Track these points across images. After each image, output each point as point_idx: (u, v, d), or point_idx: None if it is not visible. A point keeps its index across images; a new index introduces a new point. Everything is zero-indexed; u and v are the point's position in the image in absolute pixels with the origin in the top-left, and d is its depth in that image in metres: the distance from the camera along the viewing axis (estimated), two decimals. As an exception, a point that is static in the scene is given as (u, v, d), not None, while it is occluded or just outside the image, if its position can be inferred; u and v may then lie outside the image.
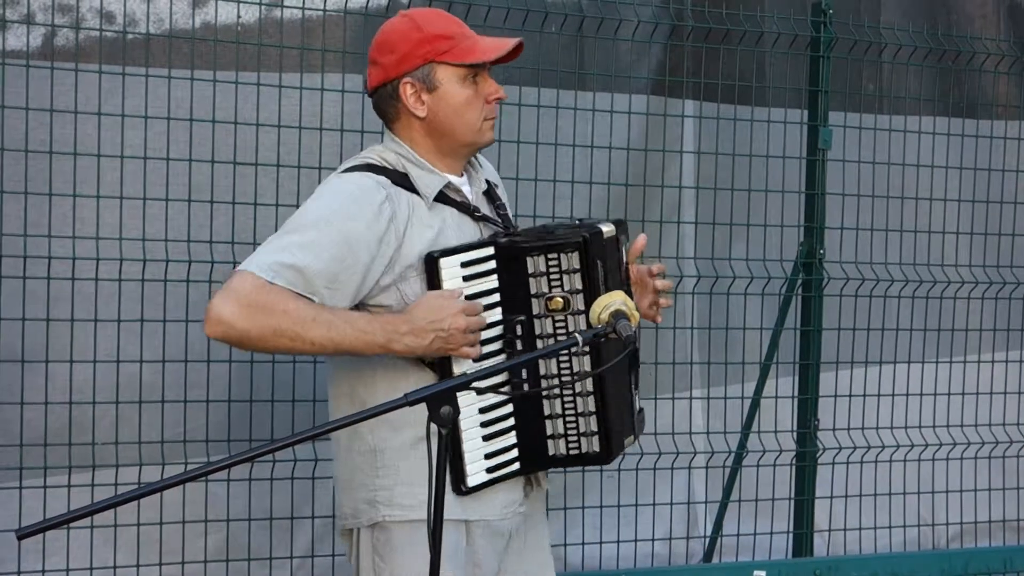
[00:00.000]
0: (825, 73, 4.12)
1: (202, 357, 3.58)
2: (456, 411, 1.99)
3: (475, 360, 2.42)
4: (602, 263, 2.46)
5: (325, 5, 3.71)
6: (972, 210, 4.58)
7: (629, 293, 2.60)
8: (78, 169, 3.48)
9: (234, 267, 3.46)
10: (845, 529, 4.34)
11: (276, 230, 3.64)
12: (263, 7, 3.71)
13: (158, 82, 3.54)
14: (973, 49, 4.42)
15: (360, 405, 2.41)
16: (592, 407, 2.49)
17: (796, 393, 4.16)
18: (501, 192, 2.70)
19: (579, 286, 2.45)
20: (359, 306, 2.42)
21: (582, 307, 2.43)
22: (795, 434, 4.16)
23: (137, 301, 3.53)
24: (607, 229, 2.51)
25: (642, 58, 4.19)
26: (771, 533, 4.24)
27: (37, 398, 3.46)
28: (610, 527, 4.02)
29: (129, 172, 3.51)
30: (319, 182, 3.62)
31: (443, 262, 2.41)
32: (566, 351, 2.32)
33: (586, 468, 2.82)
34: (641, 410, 2.73)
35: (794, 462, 4.16)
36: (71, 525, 2.70)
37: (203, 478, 1.96)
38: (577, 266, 2.44)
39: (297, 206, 3.63)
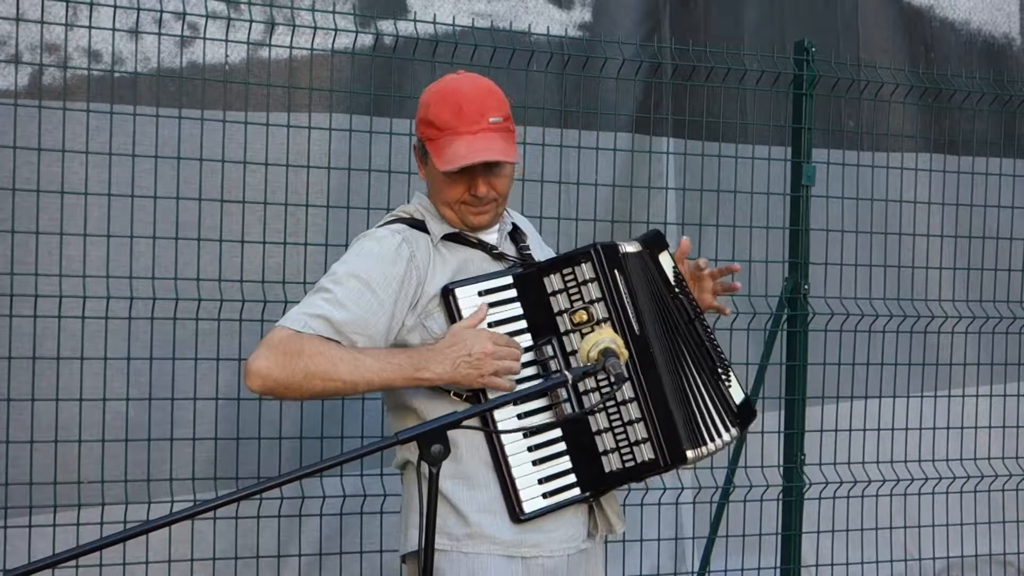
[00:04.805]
0: (808, 110, 4.16)
1: (188, 394, 3.58)
2: (447, 450, 1.99)
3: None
4: (621, 273, 2.51)
5: (312, 45, 3.73)
6: (955, 245, 4.62)
7: (684, 296, 2.66)
8: (65, 207, 3.49)
9: (220, 304, 3.52)
10: (832, 564, 4.34)
11: (263, 267, 3.71)
12: (250, 46, 3.74)
13: (145, 120, 3.56)
14: (954, 87, 4.47)
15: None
16: (637, 414, 2.50)
17: (782, 428, 4.17)
18: (529, 231, 2.78)
19: (597, 295, 2.50)
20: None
21: (605, 315, 2.49)
22: (782, 469, 4.17)
23: (124, 338, 3.53)
24: (629, 246, 2.57)
25: (625, 96, 4.23)
26: (759, 568, 4.24)
27: (23, 436, 3.45)
28: (598, 563, 4.01)
29: (116, 210, 3.52)
30: (306, 220, 3.68)
31: (459, 292, 2.48)
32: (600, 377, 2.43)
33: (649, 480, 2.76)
34: (745, 401, 2.69)
35: (781, 497, 4.16)
36: (57, 566, 2.68)
37: (197, 515, 1.98)
38: (592, 276, 2.50)
39: (283, 244, 3.69)
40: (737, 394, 2.69)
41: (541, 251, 2.77)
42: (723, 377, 2.65)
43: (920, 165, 4.57)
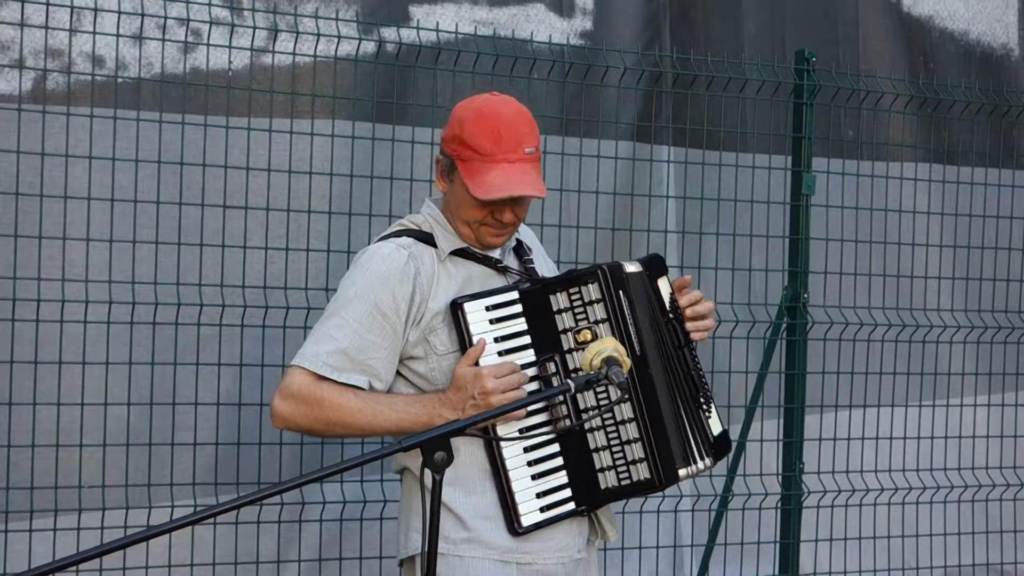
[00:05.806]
0: (808, 119, 4.17)
1: (189, 399, 3.59)
2: (451, 457, 2.01)
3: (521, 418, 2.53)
4: (625, 295, 2.54)
5: (315, 51, 3.74)
6: (953, 255, 4.63)
7: (678, 323, 2.67)
8: (68, 212, 3.50)
9: (222, 310, 3.53)
10: (830, 572, 4.34)
11: (265, 273, 3.71)
12: (253, 52, 3.75)
13: (148, 126, 3.57)
14: (953, 97, 4.48)
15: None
16: (635, 434, 2.53)
17: (781, 436, 4.18)
18: (534, 244, 2.81)
19: (602, 316, 2.53)
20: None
21: (609, 335, 2.51)
22: (780, 477, 4.18)
23: (125, 343, 3.53)
24: (631, 266, 2.60)
25: (626, 105, 4.24)
26: (757, 576, 4.25)
27: (24, 440, 3.46)
28: (596, 570, 4.01)
29: (118, 215, 3.53)
30: (308, 226, 3.69)
31: (468, 307, 2.52)
32: (603, 391, 2.47)
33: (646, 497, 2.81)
34: (723, 434, 2.74)
35: (779, 505, 4.17)
36: (57, 572, 2.69)
37: (198, 522, 1.99)
38: (598, 296, 2.53)
39: (285, 250, 3.70)
40: (716, 426, 2.73)
41: (545, 264, 2.81)
42: (704, 408, 2.69)
43: (919, 175, 4.58)
